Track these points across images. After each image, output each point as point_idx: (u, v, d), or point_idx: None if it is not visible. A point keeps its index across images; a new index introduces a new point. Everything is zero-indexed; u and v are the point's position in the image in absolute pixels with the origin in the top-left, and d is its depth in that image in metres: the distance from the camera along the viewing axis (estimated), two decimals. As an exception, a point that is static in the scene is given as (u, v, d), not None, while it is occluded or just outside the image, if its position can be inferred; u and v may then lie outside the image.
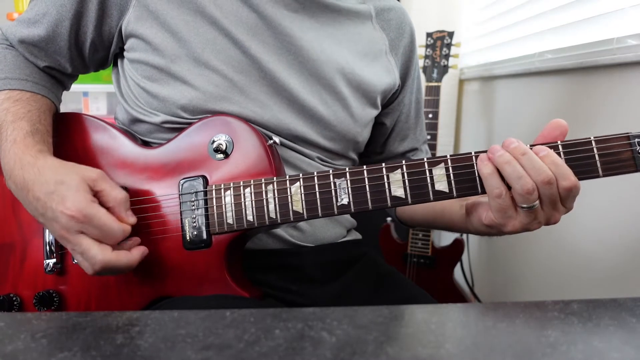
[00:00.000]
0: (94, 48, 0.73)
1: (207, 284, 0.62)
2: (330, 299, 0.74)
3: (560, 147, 0.54)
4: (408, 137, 0.88)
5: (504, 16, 1.54)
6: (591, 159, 0.53)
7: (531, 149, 0.53)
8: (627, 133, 0.53)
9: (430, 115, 1.54)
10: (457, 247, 1.57)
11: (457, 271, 1.60)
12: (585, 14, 1.09)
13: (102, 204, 0.57)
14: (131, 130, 0.75)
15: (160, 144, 0.68)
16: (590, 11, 1.08)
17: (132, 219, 0.59)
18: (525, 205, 0.52)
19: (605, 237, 0.99)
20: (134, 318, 0.41)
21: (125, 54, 0.72)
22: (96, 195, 0.58)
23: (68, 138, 0.69)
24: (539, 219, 0.54)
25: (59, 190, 0.56)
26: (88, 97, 1.78)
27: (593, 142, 0.53)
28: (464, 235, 1.62)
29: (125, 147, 0.67)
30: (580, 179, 0.53)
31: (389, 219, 1.66)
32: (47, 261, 0.65)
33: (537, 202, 0.52)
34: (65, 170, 0.57)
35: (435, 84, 1.57)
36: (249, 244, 0.68)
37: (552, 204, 0.53)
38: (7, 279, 0.68)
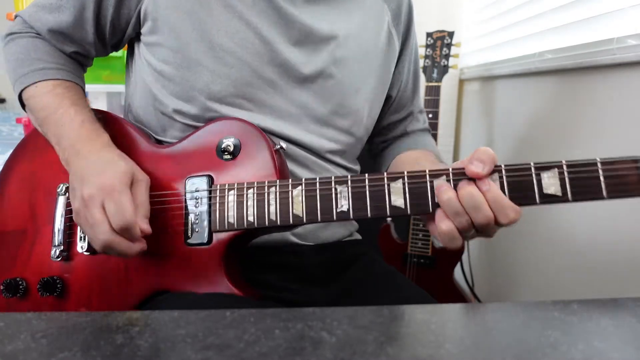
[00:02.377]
0: (112, 30, 0.74)
1: (205, 281, 0.63)
2: (330, 299, 0.74)
3: (564, 166, 0.52)
4: (405, 106, 0.90)
5: (504, 16, 1.54)
6: (595, 180, 0.51)
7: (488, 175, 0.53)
8: (636, 157, 0.51)
9: (430, 115, 1.54)
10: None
11: (457, 271, 1.60)
12: (585, 14, 1.09)
13: None
14: (144, 123, 0.76)
15: (172, 143, 0.70)
16: (590, 11, 1.08)
17: (146, 227, 0.60)
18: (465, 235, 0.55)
19: (605, 237, 0.99)
20: (134, 318, 0.41)
21: (142, 37, 0.73)
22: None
23: None
24: (474, 237, 0.56)
25: (108, 167, 0.61)
26: (88, 97, 1.77)
27: (599, 164, 0.52)
28: (464, 235, 1.62)
29: (139, 143, 0.70)
30: (583, 200, 0.52)
31: (389, 219, 1.66)
32: (55, 248, 0.68)
33: (473, 231, 0.54)
34: (123, 160, 0.63)
35: (435, 84, 1.57)
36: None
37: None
38: (16, 264, 0.70)
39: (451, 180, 0.55)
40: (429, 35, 1.60)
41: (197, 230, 0.63)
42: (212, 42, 0.68)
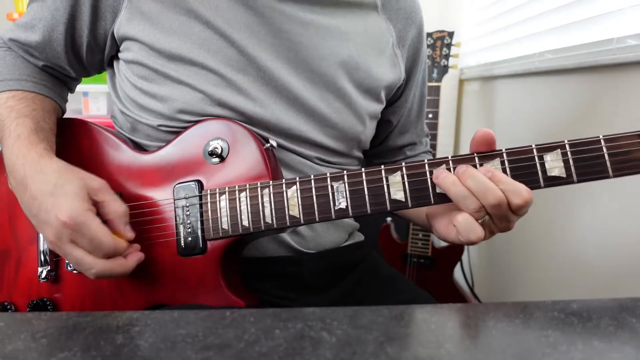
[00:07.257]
0: (91, 51, 0.71)
1: (202, 292, 0.61)
2: (330, 306, 0.73)
3: (567, 146, 0.50)
4: (408, 131, 0.87)
5: (504, 16, 1.54)
6: (600, 158, 0.50)
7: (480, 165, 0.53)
8: (639, 131, 0.49)
9: (430, 115, 1.54)
10: (457, 247, 1.57)
11: (457, 271, 1.60)
12: (585, 14, 1.09)
13: (101, 215, 0.57)
14: (129, 132, 0.74)
15: (156, 149, 0.67)
16: (590, 11, 1.07)
17: (130, 234, 0.58)
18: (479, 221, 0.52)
19: (606, 237, 0.99)
20: (134, 318, 0.41)
21: (120, 55, 0.70)
22: (96, 205, 0.57)
23: (63, 143, 0.68)
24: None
25: (56, 194, 0.55)
26: (88, 97, 1.77)
27: (602, 141, 0.50)
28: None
29: (121, 152, 0.66)
30: (589, 180, 0.51)
31: (389, 218, 1.66)
32: (41, 269, 0.65)
33: (487, 217, 0.52)
34: (68, 175, 0.57)
35: (435, 84, 1.57)
36: (248, 251, 0.67)
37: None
38: (2, 288, 0.67)
39: (452, 169, 0.54)
40: (429, 35, 1.60)
41: (189, 239, 0.60)
42: (192, 60, 0.65)
